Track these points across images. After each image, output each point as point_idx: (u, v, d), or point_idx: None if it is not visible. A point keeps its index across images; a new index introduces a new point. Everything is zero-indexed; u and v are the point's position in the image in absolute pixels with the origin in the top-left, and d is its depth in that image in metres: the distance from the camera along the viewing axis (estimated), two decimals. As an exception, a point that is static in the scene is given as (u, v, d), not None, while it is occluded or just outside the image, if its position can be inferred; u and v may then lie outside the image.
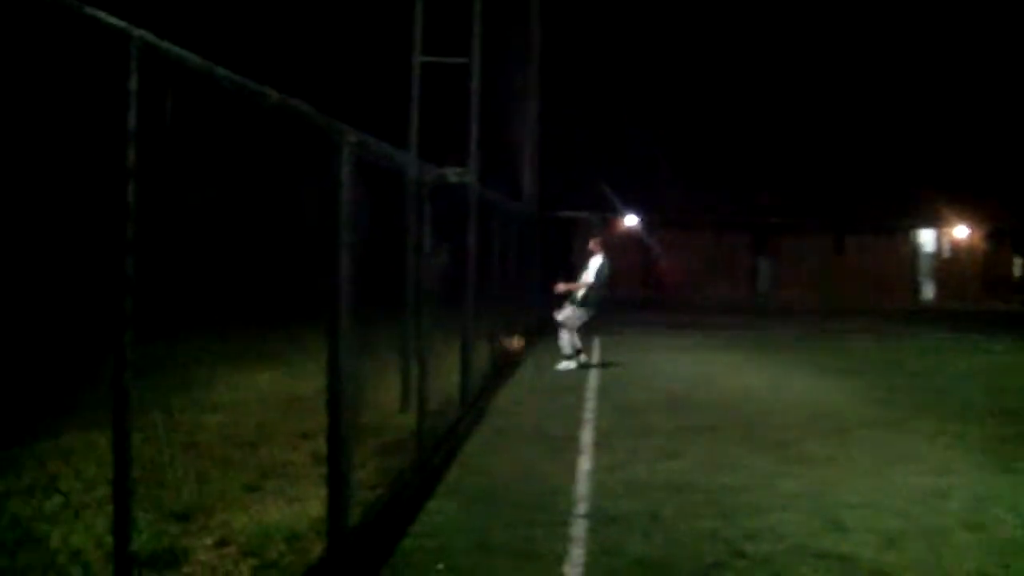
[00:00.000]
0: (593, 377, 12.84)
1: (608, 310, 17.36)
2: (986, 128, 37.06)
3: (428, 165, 7.54)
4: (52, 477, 5.50)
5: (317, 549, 5.06)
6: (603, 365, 14.23)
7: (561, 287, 14.19)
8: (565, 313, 13.90)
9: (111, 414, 3.00)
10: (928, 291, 35.16)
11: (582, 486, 6.96)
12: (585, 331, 14.23)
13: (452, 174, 8.78)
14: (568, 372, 13.47)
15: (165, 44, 2.93)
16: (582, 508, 6.37)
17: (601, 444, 8.38)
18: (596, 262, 14.00)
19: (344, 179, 5.06)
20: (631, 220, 28.96)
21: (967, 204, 32.45)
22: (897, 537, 5.71)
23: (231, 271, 6.53)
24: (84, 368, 6.72)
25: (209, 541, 5.15)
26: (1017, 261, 31.82)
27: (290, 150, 5.03)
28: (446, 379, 9.38)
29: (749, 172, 35.35)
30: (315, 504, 5.91)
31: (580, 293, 13.91)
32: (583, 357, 13.96)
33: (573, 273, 15.06)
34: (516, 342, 13.97)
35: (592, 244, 14.30)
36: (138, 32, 2.76)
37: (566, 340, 13.89)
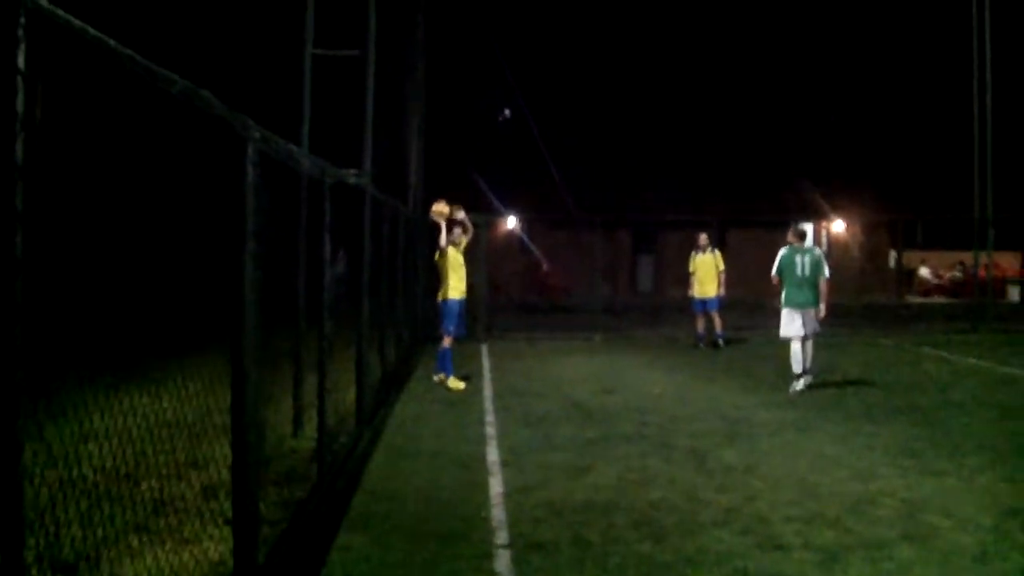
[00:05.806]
0: (488, 386, 12.37)
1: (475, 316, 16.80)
2: (864, 123, 38.16)
3: (329, 165, 6.95)
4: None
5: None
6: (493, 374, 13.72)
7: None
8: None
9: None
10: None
11: (498, 511, 6.52)
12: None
13: (349, 175, 8.19)
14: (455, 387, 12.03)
15: (60, 11, 2.33)
16: (502, 537, 5.94)
17: (509, 463, 7.94)
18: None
19: (250, 180, 4.47)
20: (512, 222, 28.58)
21: (844, 198, 33.13)
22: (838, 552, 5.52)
23: (106, 283, 5.81)
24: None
25: (95, 597, 4.48)
26: (892, 254, 32.92)
27: (178, 151, 4.41)
28: (340, 395, 8.77)
29: (630, 170, 35.54)
30: (213, 545, 5.28)
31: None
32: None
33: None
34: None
35: (792, 235, 12.09)
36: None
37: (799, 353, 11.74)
